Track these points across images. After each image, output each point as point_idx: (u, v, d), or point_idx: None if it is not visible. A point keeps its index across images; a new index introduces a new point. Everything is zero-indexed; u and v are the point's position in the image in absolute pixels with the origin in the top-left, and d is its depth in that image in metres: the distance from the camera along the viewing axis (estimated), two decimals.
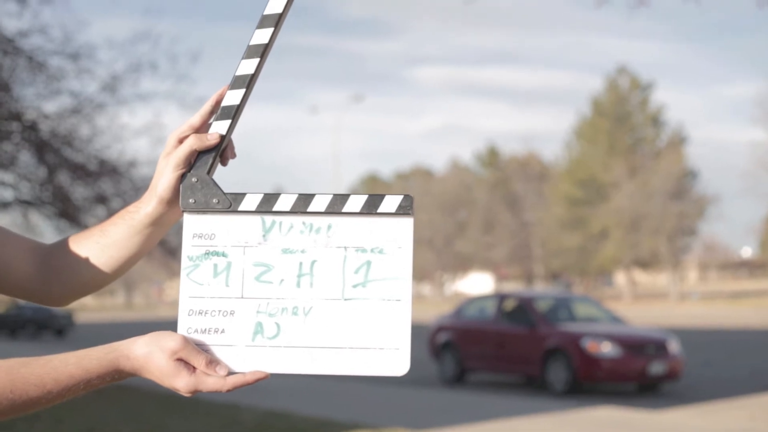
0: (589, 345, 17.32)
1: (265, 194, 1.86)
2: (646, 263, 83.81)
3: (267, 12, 1.90)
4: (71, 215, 21.23)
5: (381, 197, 1.83)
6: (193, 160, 1.91)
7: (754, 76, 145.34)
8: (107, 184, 20.70)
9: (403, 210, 1.82)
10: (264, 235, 1.85)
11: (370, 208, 1.82)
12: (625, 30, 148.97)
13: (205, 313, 1.84)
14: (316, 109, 64.34)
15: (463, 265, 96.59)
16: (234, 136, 1.93)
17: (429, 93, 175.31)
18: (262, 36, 1.90)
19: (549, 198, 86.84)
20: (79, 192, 20.84)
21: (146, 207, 1.95)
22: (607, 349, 17.25)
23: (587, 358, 17.24)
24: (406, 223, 1.82)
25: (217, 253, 1.85)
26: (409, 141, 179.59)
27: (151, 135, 21.49)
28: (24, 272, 2.01)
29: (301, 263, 1.83)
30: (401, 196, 1.82)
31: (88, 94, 20.35)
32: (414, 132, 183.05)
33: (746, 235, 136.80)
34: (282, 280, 1.83)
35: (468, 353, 19.80)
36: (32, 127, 19.56)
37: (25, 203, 21.54)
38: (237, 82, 1.91)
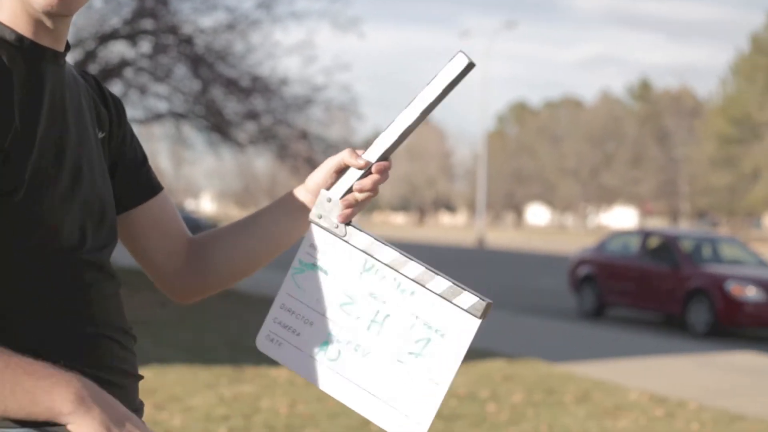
0: (734, 288, 16.99)
1: (375, 239, 1.98)
2: None
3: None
4: (222, 129, 21.62)
5: (462, 290, 1.91)
6: (341, 174, 2.02)
7: None
8: (258, 100, 20.93)
9: (473, 311, 1.90)
10: (361, 274, 1.99)
11: (449, 295, 1.92)
12: None
13: (293, 312, 2.01)
14: (468, 34, 63.82)
15: (607, 198, 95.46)
16: (383, 57, 1.97)
17: (583, 22, 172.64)
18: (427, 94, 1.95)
19: (700, 135, 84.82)
20: (231, 107, 21.15)
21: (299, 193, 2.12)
22: (752, 293, 16.91)
23: (730, 301, 16.93)
24: (472, 324, 1.91)
25: (322, 269, 2.01)
26: (560, 70, 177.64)
27: (302, 54, 21.63)
28: (172, 268, 2.15)
29: (378, 311, 1.96)
30: (477, 298, 1.89)
31: (243, 10, 20.58)
32: (565, 61, 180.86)
33: None
34: (358, 317, 1.97)
35: (608, 288, 19.65)
36: (188, 41, 19.87)
37: (178, 115, 22.00)
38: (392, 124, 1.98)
